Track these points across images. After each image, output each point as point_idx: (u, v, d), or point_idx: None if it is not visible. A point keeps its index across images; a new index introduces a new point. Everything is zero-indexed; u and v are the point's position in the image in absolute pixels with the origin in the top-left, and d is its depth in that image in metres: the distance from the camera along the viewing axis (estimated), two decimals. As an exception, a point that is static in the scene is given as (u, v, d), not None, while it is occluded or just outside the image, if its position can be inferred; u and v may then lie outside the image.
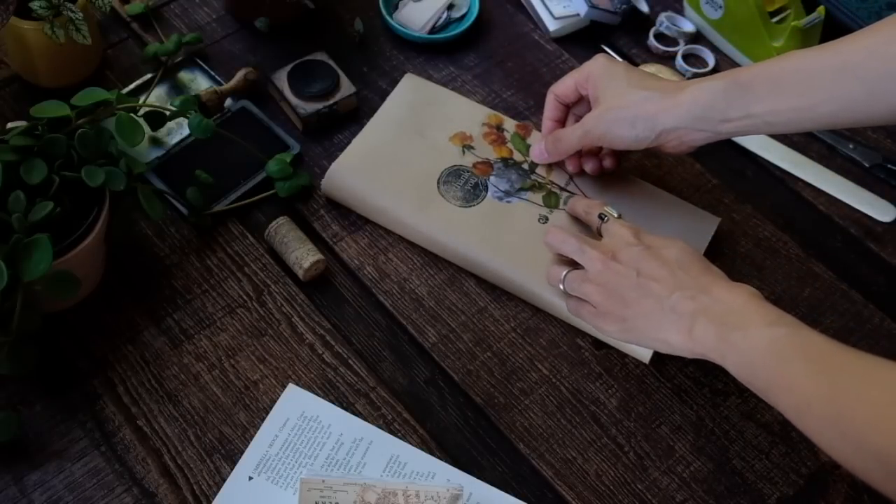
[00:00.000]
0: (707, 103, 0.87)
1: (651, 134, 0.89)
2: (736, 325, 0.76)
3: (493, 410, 0.89)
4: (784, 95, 0.84)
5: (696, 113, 0.87)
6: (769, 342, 0.74)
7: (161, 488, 0.83)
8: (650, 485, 0.86)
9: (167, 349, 0.91)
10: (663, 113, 0.88)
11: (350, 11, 1.15)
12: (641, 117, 0.89)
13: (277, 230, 0.96)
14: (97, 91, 0.89)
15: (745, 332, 0.75)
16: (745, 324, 0.76)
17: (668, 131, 0.89)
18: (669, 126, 0.88)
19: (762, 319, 0.75)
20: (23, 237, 0.80)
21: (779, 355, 0.73)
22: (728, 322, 0.77)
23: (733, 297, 0.78)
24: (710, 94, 0.87)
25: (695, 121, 0.87)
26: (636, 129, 0.89)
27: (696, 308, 0.79)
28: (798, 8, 1.11)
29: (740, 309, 0.77)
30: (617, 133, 0.91)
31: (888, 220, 1.03)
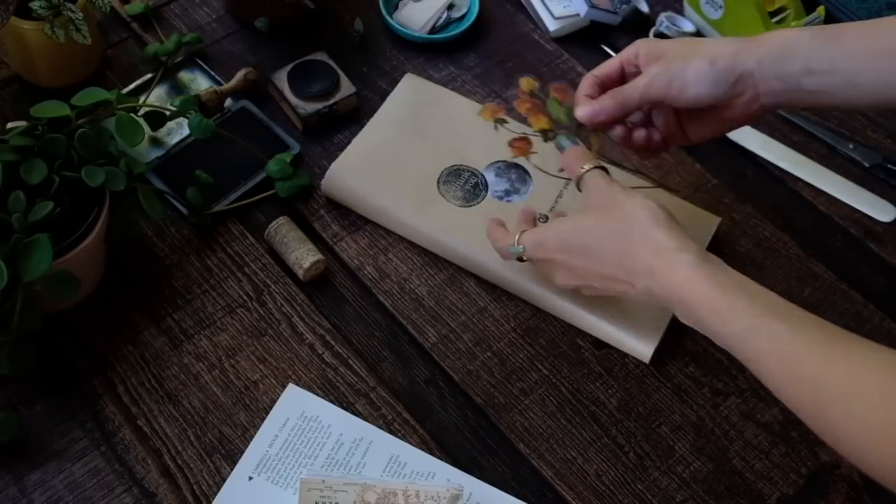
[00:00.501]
0: (791, 46, 0.80)
1: (730, 76, 0.81)
2: (697, 320, 0.74)
3: (493, 410, 0.89)
4: (873, 48, 0.79)
5: (779, 55, 0.80)
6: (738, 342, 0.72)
7: (161, 488, 0.83)
8: (650, 485, 0.86)
9: (167, 349, 0.91)
10: (744, 52, 0.81)
11: (350, 11, 1.15)
12: (721, 57, 0.81)
13: (277, 230, 0.96)
14: (97, 91, 0.89)
15: (712, 330, 0.73)
16: (705, 320, 0.73)
17: (747, 76, 0.81)
18: (750, 67, 0.81)
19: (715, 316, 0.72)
20: (23, 237, 0.80)
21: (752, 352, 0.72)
22: (691, 316, 0.75)
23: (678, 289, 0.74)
24: (795, 38, 0.81)
25: (776, 64, 0.81)
26: (715, 70, 0.81)
27: (657, 300, 0.77)
28: (798, 8, 1.12)
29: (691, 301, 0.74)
30: (691, 75, 0.82)
31: (888, 220, 1.03)
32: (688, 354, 0.93)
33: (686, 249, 0.75)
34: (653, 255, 0.76)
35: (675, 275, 0.74)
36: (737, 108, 0.84)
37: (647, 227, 0.77)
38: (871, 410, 0.65)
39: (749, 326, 0.71)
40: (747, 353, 0.72)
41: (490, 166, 1.01)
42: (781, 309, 0.72)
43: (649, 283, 0.76)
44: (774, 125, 1.09)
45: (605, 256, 0.79)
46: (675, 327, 0.93)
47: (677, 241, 0.76)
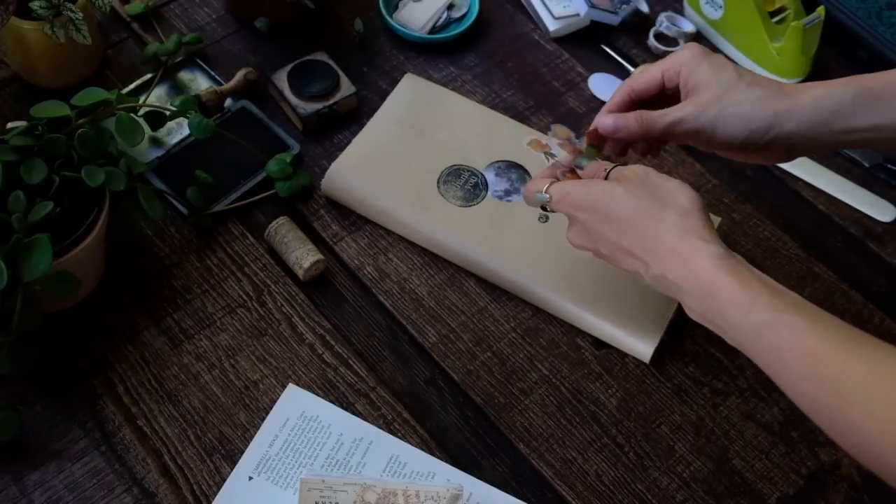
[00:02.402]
0: (832, 108, 0.79)
1: (764, 136, 0.80)
2: (714, 310, 0.74)
3: (493, 410, 0.89)
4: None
5: (819, 118, 0.79)
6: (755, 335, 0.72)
7: (161, 488, 0.83)
8: (650, 485, 0.86)
9: (167, 349, 0.91)
10: (784, 114, 0.80)
11: (350, 11, 1.15)
12: (758, 116, 0.80)
13: (277, 230, 0.96)
14: (97, 91, 0.89)
15: (729, 321, 0.73)
16: (724, 310, 0.73)
17: (784, 137, 0.80)
18: (787, 130, 0.80)
19: (736, 307, 0.72)
20: (23, 237, 0.80)
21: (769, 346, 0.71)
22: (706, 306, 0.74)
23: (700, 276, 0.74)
24: (836, 100, 0.79)
25: (815, 127, 0.79)
26: (751, 126, 0.80)
27: (669, 288, 0.77)
28: (798, 8, 1.11)
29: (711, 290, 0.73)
30: (725, 128, 0.81)
31: (888, 220, 1.03)
32: (688, 354, 0.93)
33: (714, 241, 0.75)
34: (679, 238, 0.75)
35: (700, 260, 0.74)
36: (765, 154, 0.83)
37: (679, 210, 0.76)
38: (890, 410, 0.65)
39: (770, 320, 0.70)
40: (764, 346, 0.71)
41: (490, 166, 1.01)
42: (802, 306, 0.71)
43: (667, 265, 0.75)
44: (774, 125, 1.09)
45: (628, 228, 0.77)
46: (675, 327, 0.93)
47: (707, 231, 0.75)
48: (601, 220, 0.79)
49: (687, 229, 0.75)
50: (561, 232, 0.96)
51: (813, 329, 0.69)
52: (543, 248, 0.95)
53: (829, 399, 0.68)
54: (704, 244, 0.74)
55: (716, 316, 0.74)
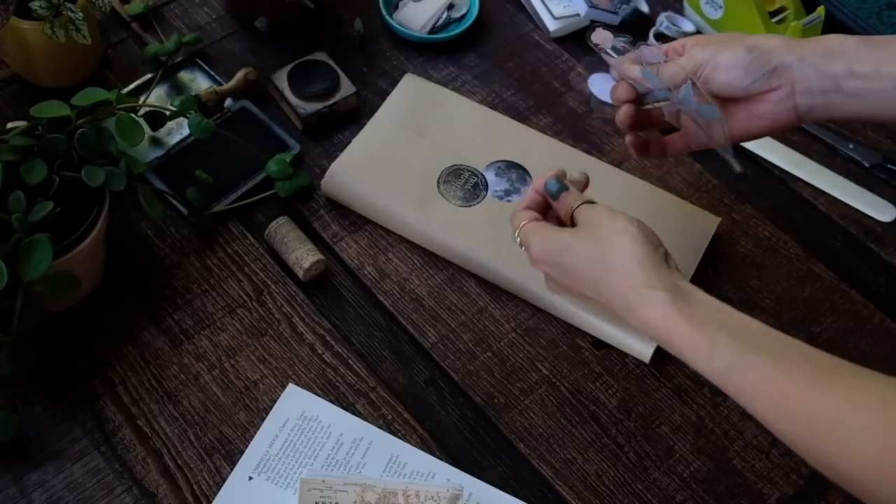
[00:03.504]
0: (834, 47, 0.78)
1: (764, 65, 0.79)
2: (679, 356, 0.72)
3: (493, 410, 0.89)
4: None
5: (822, 53, 0.78)
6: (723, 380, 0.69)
7: (161, 488, 0.83)
8: (650, 485, 0.86)
9: (167, 349, 0.91)
10: (785, 46, 0.79)
11: (350, 11, 1.15)
12: (758, 46, 0.79)
13: (277, 230, 0.96)
14: (97, 91, 0.89)
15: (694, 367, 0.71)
16: (685, 357, 0.71)
17: (784, 69, 0.78)
18: (788, 61, 0.78)
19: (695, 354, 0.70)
20: (23, 237, 0.80)
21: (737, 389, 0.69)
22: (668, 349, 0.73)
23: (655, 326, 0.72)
24: (839, 41, 0.78)
25: (818, 60, 0.78)
26: (750, 56, 0.79)
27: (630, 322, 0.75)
28: (798, 8, 1.12)
29: (668, 339, 0.72)
30: (725, 58, 0.79)
31: (888, 220, 1.03)
32: (688, 354, 0.93)
33: (658, 286, 0.72)
34: (627, 288, 0.74)
35: (650, 312, 0.72)
36: (768, 104, 0.80)
37: (623, 257, 0.74)
38: (868, 443, 0.63)
39: (732, 364, 0.68)
40: (731, 390, 0.69)
41: (490, 166, 1.01)
42: (765, 342, 0.69)
43: (625, 313, 0.75)
44: (774, 125, 1.09)
45: (582, 279, 0.77)
46: (675, 327, 0.93)
47: (651, 276, 0.73)
48: (561, 273, 0.79)
49: (633, 277, 0.74)
50: (561, 232, 0.96)
51: (779, 368, 0.67)
52: (543, 248, 0.95)
53: (805, 437, 0.66)
54: (651, 292, 0.72)
55: (684, 360, 0.72)
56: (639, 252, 0.74)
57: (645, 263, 0.74)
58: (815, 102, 0.80)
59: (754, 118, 0.82)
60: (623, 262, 0.74)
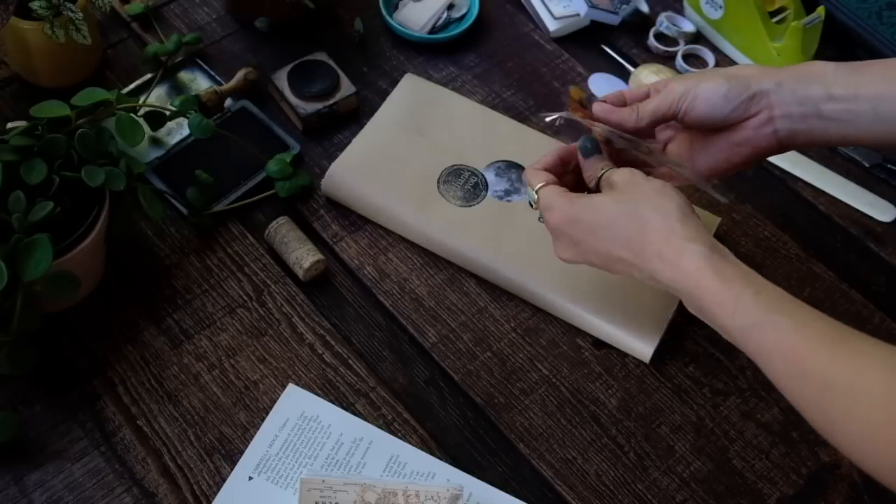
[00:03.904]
0: (812, 73, 0.80)
1: (743, 92, 0.80)
2: (703, 311, 0.74)
3: (493, 410, 0.89)
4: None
5: (800, 78, 0.79)
6: (743, 337, 0.72)
7: (161, 488, 0.83)
8: (650, 485, 0.86)
9: (167, 349, 0.91)
10: (763, 73, 0.81)
11: (350, 11, 1.15)
12: (736, 76, 0.81)
13: (277, 230, 0.96)
14: (97, 91, 0.89)
15: (717, 323, 0.73)
16: (711, 312, 0.73)
17: (762, 95, 0.80)
18: (767, 87, 0.80)
19: (721, 310, 0.72)
20: (23, 237, 0.80)
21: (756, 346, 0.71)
22: (697, 307, 0.74)
23: (685, 280, 0.74)
24: (817, 67, 0.80)
25: (796, 86, 0.79)
26: (728, 85, 0.80)
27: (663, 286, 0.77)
28: (798, 8, 1.12)
29: (697, 293, 0.73)
30: (704, 89, 0.81)
31: (888, 220, 1.03)
32: (688, 354, 0.93)
33: (697, 240, 0.74)
34: (664, 241, 0.75)
35: (684, 264, 0.74)
36: (748, 130, 0.82)
37: (662, 212, 0.76)
38: (872, 409, 0.65)
39: (754, 322, 0.70)
40: (752, 347, 0.71)
41: (490, 166, 1.01)
42: (787, 304, 0.71)
43: (655, 268, 0.76)
44: (774, 125, 1.09)
45: (615, 235, 0.78)
46: (675, 327, 0.93)
47: (690, 230, 0.75)
48: (586, 231, 0.79)
49: (671, 230, 0.75)
50: (561, 232, 0.96)
51: (797, 328, 0.69)
52: (543, 248, 0.95)
53: (814, 397, 0.68)
54: (688, 244, 0.74)
55: (706, 317, 0.74)
56: (678, 210, 0.76)
57: (684, 219, 0.76)
58: (795, 127, 0.81)
59: (735, 147, 0.83)
60: (663, 217, 0.76)
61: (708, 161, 0.85)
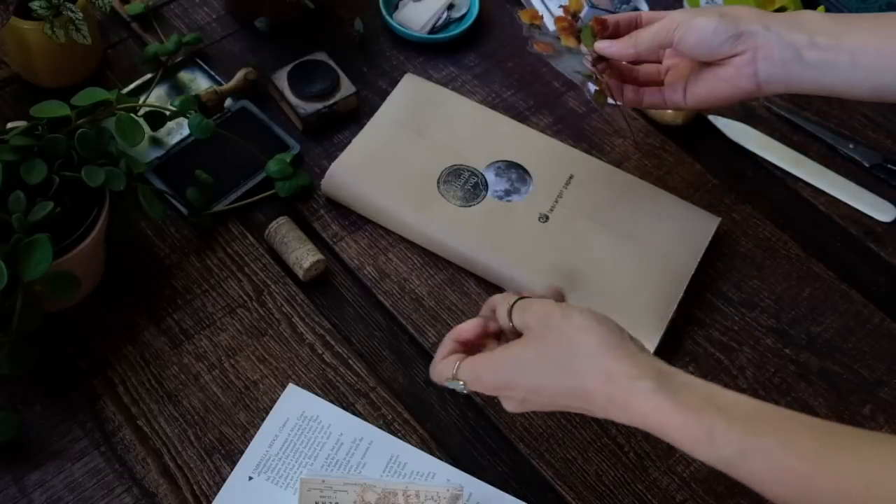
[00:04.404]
0: (800, 20, 0.82)
1: (730, 30, 0.82)
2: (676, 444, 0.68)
3: (493, 410, 0.89)
4: (883, 32, 0.79)
5: (786, 23, 0.81)
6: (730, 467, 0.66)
7: (161, 488, 0.83)
8: (650, 485, 0.86)
9: (167, 349, 0.91)
10: (753, 16, 0.83)
11: (350, 11, 1.15)
12: (730, 14, 0.83)
13: (277, 230, 0.96)
14: (97, 91, 0.89)
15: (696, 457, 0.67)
16: (685, 448, 0.67)
17: (749, 35, 0.82)
18: (754, 28, 0.82)
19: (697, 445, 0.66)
20: (23, 237, 0.80)
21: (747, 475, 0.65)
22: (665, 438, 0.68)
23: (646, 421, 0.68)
24: (807, 15, 0.82)
25: (782, 30, 0.81)
26: (719, 21, 0.82)
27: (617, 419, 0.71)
28: (798, 8, 1.11)
29: (664, 432, 0.68)
30: (697, 22, 0.83)
31: (888, 220, 1.03)
32: (688, 354, 0.93)
33: (641, 375, 0.68)
34: (607, 385, 0.69)
35: (638, 407, 0.68)
36: (731, 67, 0.83)
37: (593, 354, 0.70)
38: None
39: (738, 450, 0.65)
40: (742, 475, 0.65)
41: (490, 166, 1.01)
42: (764, 421, 0.66)
43: (612, 414, 0.70)
44: (774, 125, 1.09)
45: (556, 391, 0.72)
46: (675, 327, 0.93)
47: (630, 366, 0.69)
48: (527, 391, 0.73)
49: (611, 372, 0.69)
50: (561, 232, 0.96)
51: (786, 447, 0.64)
52: (543, 248, 0.95)
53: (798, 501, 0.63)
54: (633, 382, 0.68)
55: (683, 450, 0.68)
56: (608, 346, 0.70)
57: (619, 355, 0.69)
58: (774, 71, 0.82)
59: (717, 81, 0.85)
60: (596, 362, 0.70)
61: (695, 91, 0.88)
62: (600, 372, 0.69)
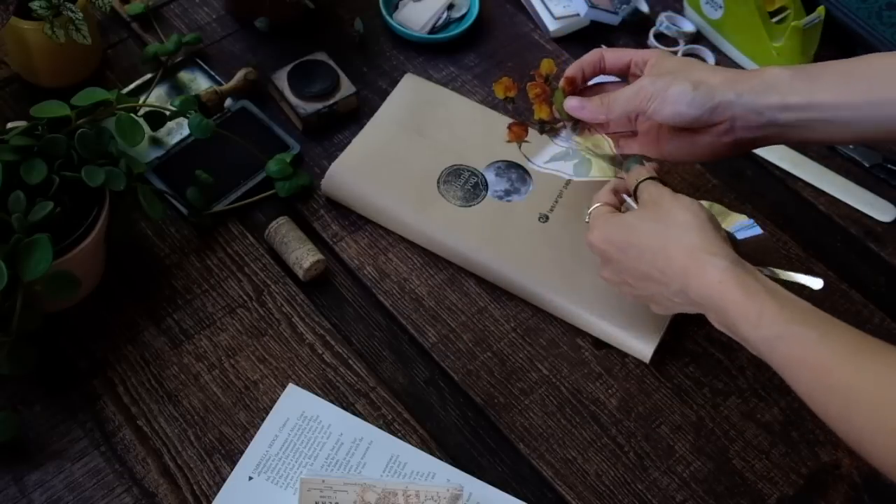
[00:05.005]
0: (770, 81, 0.83)
1: (707, 102, 0.83)
2: (729, 324, 0.75)
3: (493, 410, 0.89)
4: (852, 87, 0.81)
5: (759, 89, 0.83)
6: (768, 348, 0.73)
7: (161, 488, 0.83)
8: (650, 485, 0.86)
9: (167, 349, 0.91)
10: (725, 84, 0.83)
11: (350, 11, 1.15)
12: (703, 83, 0.83)
13: (277, 230, 0.96)
14: (97, 91, 0.89)
15: (742, 335, 0.75)
16: (736, 325, 0.74)
17: (725, 106, 0.83)
18: (729, 98, 0.83)
19: (745, 321, 0.73)
20: (23, 237, 0.80)
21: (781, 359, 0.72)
22: (722, 320, 0.76)
23: (710, 292, 0.75)
24: (775, 75, 0.83)
25: (755, 97, 0.82)
26: (694, 93, 0.83)
27: (690, 303, 0.79)
28: (798, 8, 1.11)
29: (722, 305, 0.75)
30: (672, 94, 0.83)
31: (888, 220, 1.03)
32: (688, 354, 0.93)
33: (719, 254, 0.76)
34: (687, 256, 0.77)
35: (707, 277, 0.75)
36: (710, 136, 0.85)
37: (685, 228, 0.78)
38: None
39: (778, 333, 0.71)
40: (776, 359, 0.72)
41: (490, 166, 1.01)
42: (811, 316, 0.72)
43: (683, 283, 0.77)
44: (774, 125, 1.09)
45: (642, 253, 0.80)
46: (675, 327, 0.93)
47: (712, 245, 0.77)
48: (619, 250, 0.82)
49: (694, 245, 0.77)
50: (561, 232, 0.96)
51: (822, 341, 0.70)
52: (543, 248, 0.95)
53: (839, 409, 0.69)
54: (711, 258, 0.76)
55: (731, 330, 0.75)
56: (700, 225, 0.78)
57: (705, 234, 0.78)
58: (754, 135, 0.84)
59: (696, 146, 0.87)
60: (685, 232, 0.78)
61: (673, 151, 0.89)
62: (685, 244, 0.78)
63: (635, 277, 0.82)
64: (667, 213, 0.80)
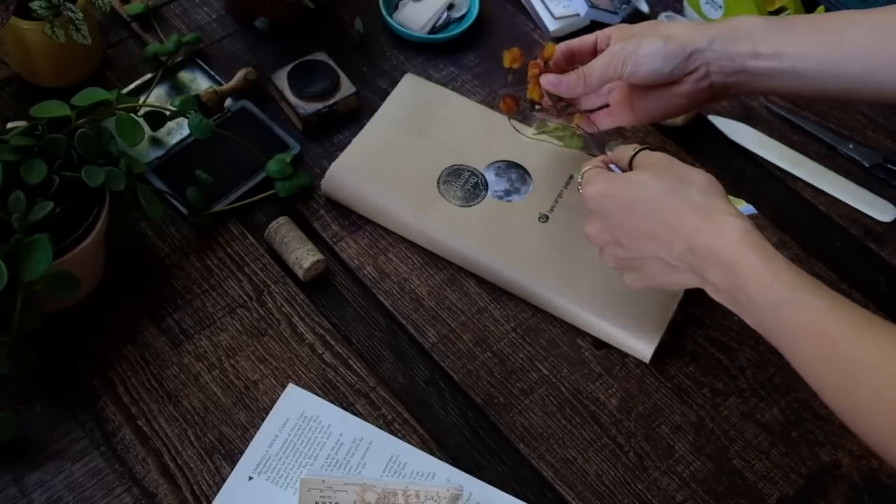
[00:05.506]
0: (742, 29, 0.84)
1: (680, 53, 0.84)
2: (736, 287, 0.74)
3: (493, 410, 0.89)
4: (819, 37, 0.82)
5: (730, 36, 0.84)
6: (774, 313, 0.72)
7: (161, 488, 0.83)
8: (650, 485, 0.86)
9: (167, 349, 0.91)
10: (696, 32, 0.85)
11: (350, 11, 1.15)
12: (674, 36, 0.85)
13: (277, 230, 0.96)
14: (97, 91, 0.89)
15: (748, 297, 0.73)
16: (745, 287, 0.73)
17: (698, 54, 0.84)
18: (701, 45, 0.84)
19: (757, 284, 0.72)
20: (23, 237, 0.80)
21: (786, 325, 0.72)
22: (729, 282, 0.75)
23: (725, 251, 0.75)
24: (748, 23, 0.85)
25: (726, 44, 0.84)
26: (666, 47, 0.84)
27: (694, 264, 0.77)
28: (798, 8, 1.12)
29: (734, 265, 0.74)
30: (644, 51, 0.85)
31: (888, 220, 1.03)
32: (688, 354, 0.93)
33: (738, 216, 0.76)
34: (703, 216, 0.76)
35: (725, 236, 0.75)
36: (687, 85, 0.86)
37: (701, 188, 0.78)
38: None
39: (789, 297, 0.71)
40: (781, 325, 0.72)
41: (490, 166, 1.01)
42: (822, 288, 0.72)
43: (692, 243, 0.76)
44: (774, 125, 1.09)
45: (651, 209, 0.78)
46: (675, 327, 0.93)
47: (729, 207, 0.77)
48: (622, 206, 0.80)
49: (712, 206, 0.77)
50: (561, 232, 0.96)
51: (830, 309, 0.70)
52: (543, 248, 0.95)
53: (839, 379, 0.69)
54: (730, 218, 0.75)
55: (738, 292, 0.74)
56: (717, 188, 0.78)
57: (722, 197, 0.78)
58: (727, 81, 0.86)
59: (675, 97, 0.88)
60: (703, 194, 0.77)
61: (648, 108, 0.90)
62: (703, 205, 0.77)
63: (632, 237, 0.80)
64: (681, 174, 0.79)
